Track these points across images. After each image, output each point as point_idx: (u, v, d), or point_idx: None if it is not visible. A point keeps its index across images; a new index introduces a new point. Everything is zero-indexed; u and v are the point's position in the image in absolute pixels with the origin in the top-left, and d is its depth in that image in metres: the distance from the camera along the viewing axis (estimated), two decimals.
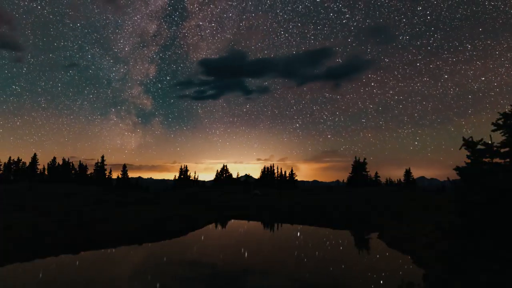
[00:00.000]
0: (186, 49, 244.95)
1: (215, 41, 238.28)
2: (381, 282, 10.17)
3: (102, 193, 33.41)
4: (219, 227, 22.22)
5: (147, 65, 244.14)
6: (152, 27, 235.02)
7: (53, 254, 13.03)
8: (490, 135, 5.93)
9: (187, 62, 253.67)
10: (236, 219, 26.15)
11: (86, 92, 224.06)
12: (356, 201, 30.44)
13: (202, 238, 18.00)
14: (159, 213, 21.30)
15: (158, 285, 9.57)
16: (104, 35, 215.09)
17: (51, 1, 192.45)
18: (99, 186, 51.83)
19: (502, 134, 5.87)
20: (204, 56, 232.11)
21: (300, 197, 35.23)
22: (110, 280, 10.04)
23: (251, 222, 24.82)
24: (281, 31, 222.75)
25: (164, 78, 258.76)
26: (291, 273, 11.08)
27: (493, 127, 5.98)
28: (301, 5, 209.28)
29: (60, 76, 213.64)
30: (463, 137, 6.17)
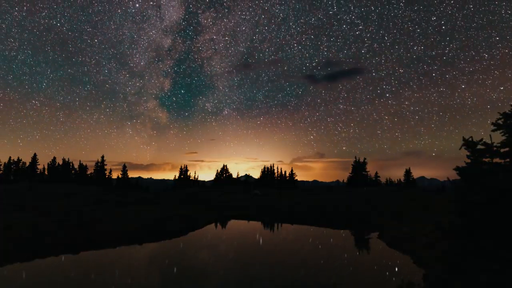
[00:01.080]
0: (200, 62, 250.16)
1: (228, 54, 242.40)
2: (381, 282, 10.17)
3: (102, 193, 33.40)
4: (219, 227, 22.22)
5: (162, 79, 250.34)
6: (167, 42, 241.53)
7: (53, 254, 13.03)
8: (490, 135, 5.93)
9: (201, 76, 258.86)
10: (236, 219, 26.14)
11: (103, 106, 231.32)
12: (356, 201, 30.43)
13: (202, 238, 18.00)
14: (159, 213, 21.30)
15: (158, 285, 9.57)
16: (120, 50, 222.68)
17: (71, 19, 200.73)
18: (99, 186, 51.84)
19: (502, 134, 5.86)
20: (218, 69, 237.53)
21: (300, 197, 35.23)
22: (110, 280, 10.04)
23: (251, 222, 24.82)
24: (294, 43, 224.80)
25: (178, 92, 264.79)
26: (291, 273, 11.07)
27: (493, 127, 5.98)
28: (313, 18, 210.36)
29: (78, 91, 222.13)
30: (463, 137, 6.16)
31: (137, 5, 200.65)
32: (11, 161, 58.83)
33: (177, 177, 69.40)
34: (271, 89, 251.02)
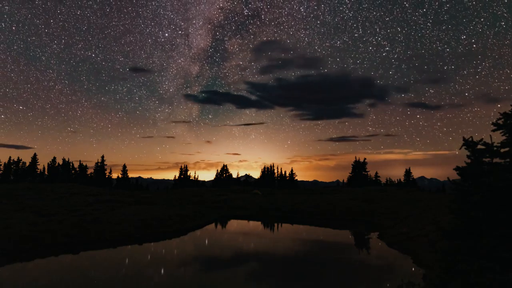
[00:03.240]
0: (227, 88, 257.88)
1: (255, 79, 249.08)
2: (381, 281, 10.17)
3: (102, 193, 33.39)
4: (219, 226, 22.23)
5: (190, 104, 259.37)
6: (195, 69, 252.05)
7: (53, 254, 13.03)
8: (490, 135, 5.92)
9: (227, 102, 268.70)
10: (236, 219, 26.15)
11: (133, 132, 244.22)
12: (356, 201, 30.41)
13: (202, 238, 18.01)
14: (159, 213, 21.29)
15: (157, 285, 9.57)
16: (150, 78, 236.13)
17: (104, 49, 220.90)
18: (99, 186, 51.84)
19: (502, 134, 5.86)
20: (244, 93, 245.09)
21: (300, 197, 35.21)
22: (110, 280, 10.04)
23: (251, 222, 24.82)
24: (319, 66, 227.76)
25: (206, 117, 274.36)
26: (290, 273, 11.08)
27: (493, 127, 5.98)
28: (339, 41, 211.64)
29: (110, 118, 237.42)
30: (463, 137, 6.16)
31: (166, 34, 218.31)
32: (11, 161, 58.85)
33: (177, 177, 69.39)
34: (297, 110, 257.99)
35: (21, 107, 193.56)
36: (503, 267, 4.81)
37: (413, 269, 11.50)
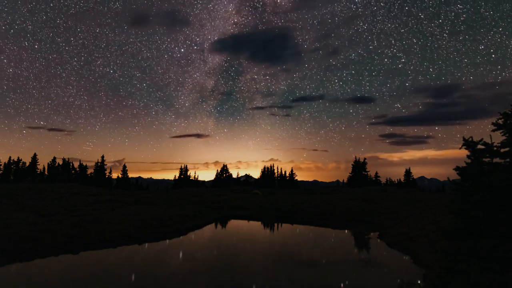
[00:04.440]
0: (242, 101, 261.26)
1: (270, 92, 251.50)
2: (381, 281, 10.17)
3: (102, 193, 33.37)
4: (219, 227, 22.22)
5: (205, 118, 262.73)
6: (210, 83, 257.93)
7: (53, 254, 13.03)
8: (490, 135, 5.92)
9: (243, 114, 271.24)
10: (236, 219, 26.15)
11: (149, 146, 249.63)
12: (356, 201, 30.41)
13: (202, 238, 18.00)
14: (159, 213, 21.29)
15: (157, 285, 9.56)
16: (167, 93, 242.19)
17: (122, 66, 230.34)
18: (99, 186, 51.82)
19: (502, 134, 5.86)
20: (260, 107, 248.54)
21: (300, 197, 35.20)
22: (110, 280, 10.04)
23: (251, 222, 24.82)
24: (335, 79, 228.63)
25: (222, 131, 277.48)
26: (291, 273, 11.07)
27: (493, 127, 5.98)
28: (354, 53, 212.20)
29: (127, 132, 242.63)
30: (463, 137, 6.16)
31: (182, 50, 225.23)
32: (11, 161, 58.82)
33: (177, 177, 69.36)
34: (313, 125, 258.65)
35: (42, 123, 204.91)
36: (503, 267, 4.81)
37: (413, 269, 11.50)
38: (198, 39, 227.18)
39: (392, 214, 23.95)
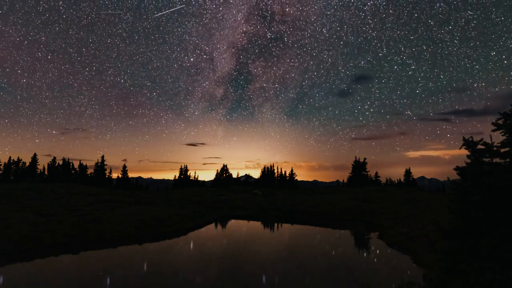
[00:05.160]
0: (251, 110, 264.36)
1: (279, 101, 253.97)
2: (381, 281, 10.17)
3: (102, 193, 33.38)
4: (219, 227, 22.22)
5: (215, 127, 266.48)
6: (220, 92, 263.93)
7: (53, 254, 13.03)
8: (490, 135, 5.92)
9: (252, 123, 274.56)
10: (236, 219, 26.15)
11: (159, 154, 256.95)
12: (356, 201, 30.41)
13: (202, 238, 18.00)
14: (159, 213, 21.29)
15: (157, 285, 9.57)
16: (176, 102, 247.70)
17: (132, 75, 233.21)
18: (99, 186, 51.83)
19: (502, 134, 5.86)
20: (269, 116, 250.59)
21: (300, 197, 35.19)
22: (110, 280, 10.04)
23: (251, 222, 24.82)
24: (344, 87, 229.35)
25: (231, 139, 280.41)
26: (290, 274, 11.07)
27: (493, 127, 5.98)
28: (363, 61, 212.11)
29: (137, 141, 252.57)
30: (463, 137, 6.16)
31: (191, 59, 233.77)
32: (11, 161, 58.81)
33: (177, 177, 69.37)
34: (322, 133, 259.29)
35: (54, 132, 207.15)
36: (503, 267, 4.81)
37: (413, 269, 11.50)
38: (207, 48, 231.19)
39: (392, 214, 23.95)
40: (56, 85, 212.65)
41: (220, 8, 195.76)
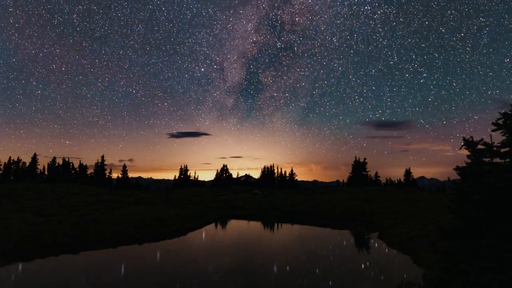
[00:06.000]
0: (262, 119, 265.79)
1: (289, 110, 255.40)
2: (381, 281, 10.17)
3: (102, 193, 33.37)
4: (219, 227, 22.22)
5: (225, 136, 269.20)
6: (230, 101, 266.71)
7: (53, 254, 13.03)
8: (490, 135, 5.92)
9: (263, 132, 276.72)
10: (236, 219, 26.15)
11: (172, 164, 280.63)
12: (356, 201, 30.41)
13: (202, 238, 18.00)
14: (159, 213, 21.28)
15: (157, 285, 9.56)
16: (187, 112, 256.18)
17: (144, 86, 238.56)
18: (99, 186, 51.82)
19: (502, 134, 5.86)
20: (279, 125, 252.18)
21: (300, 197, 35.19)
22: (110, 280, 10.03)
23: (251, 222, 24.82)
24: (355, 95, 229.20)
25: (242, 148, 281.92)
26: (290, 274, 11.07)
27: (493, 127, 5.98)
28: (374, 69, 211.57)
29: (149, 151, 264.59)
30: (463, 137, 6.16)
31: (202, 69, 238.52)
32: (11, 161, 58.81)
33: (177, 177, 69.35)
34: (334, 142, 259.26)
35: (67, 142, 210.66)
36: (503, 267, 4.80)
37: (413, 269, 11.49)
38: (218, 58, 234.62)
39: (392, 214, 23.95)
40: (69, 96, 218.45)
41: (231, 19, 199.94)
